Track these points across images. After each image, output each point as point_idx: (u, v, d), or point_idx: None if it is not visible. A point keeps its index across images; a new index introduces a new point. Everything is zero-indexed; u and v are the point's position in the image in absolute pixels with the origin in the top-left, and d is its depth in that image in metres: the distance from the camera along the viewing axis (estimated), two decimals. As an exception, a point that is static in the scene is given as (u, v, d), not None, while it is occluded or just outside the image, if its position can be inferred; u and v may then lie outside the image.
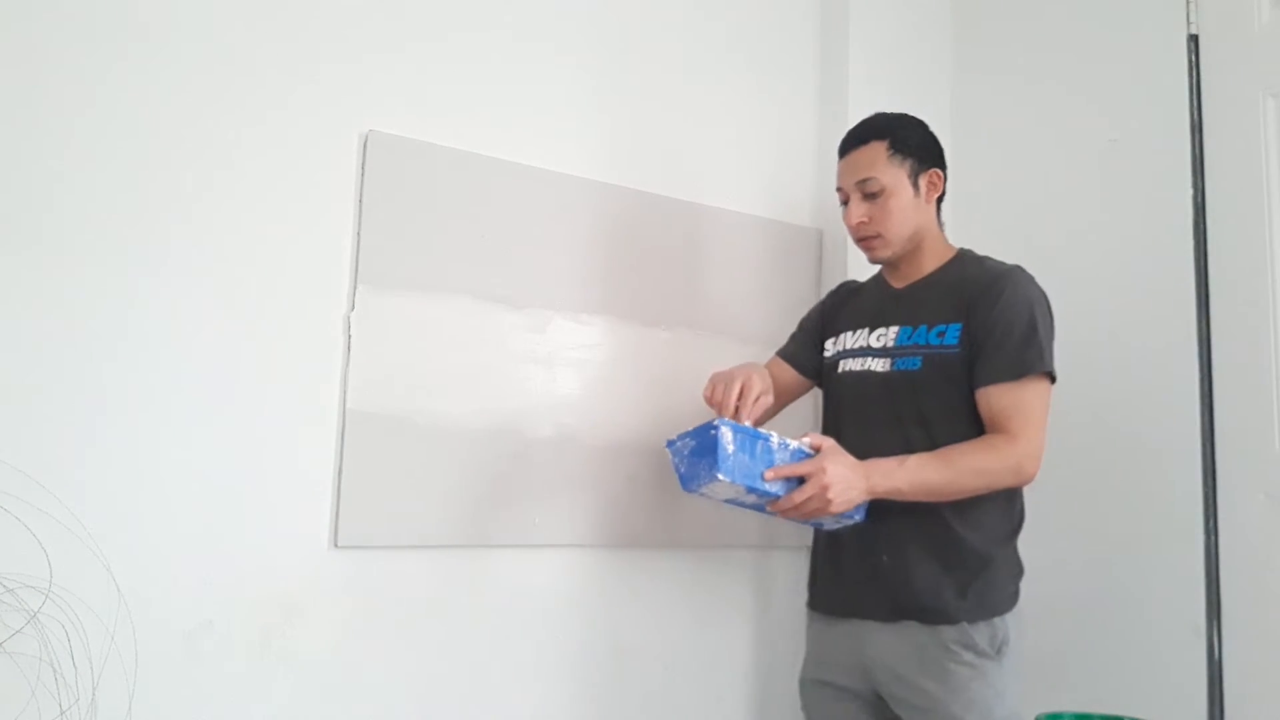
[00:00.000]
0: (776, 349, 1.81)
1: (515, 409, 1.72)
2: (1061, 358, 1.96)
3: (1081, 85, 2.01)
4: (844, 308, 1.74)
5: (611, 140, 1.90)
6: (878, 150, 1.59)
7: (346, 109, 1.63)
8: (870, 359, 1.59)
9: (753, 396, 1.50)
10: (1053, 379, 1.50)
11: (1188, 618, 1.70)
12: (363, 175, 1.62)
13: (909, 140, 1.60)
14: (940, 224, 1.65)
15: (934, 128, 2.15)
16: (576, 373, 1.79)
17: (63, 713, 1.34)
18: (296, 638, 1.52)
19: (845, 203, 1.64)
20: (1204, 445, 1.72)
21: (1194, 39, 1.81)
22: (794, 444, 1.42)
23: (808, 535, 2.04)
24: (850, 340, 1.65)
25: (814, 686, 1.62)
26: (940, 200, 1.64)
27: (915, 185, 1.59)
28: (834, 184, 2.17)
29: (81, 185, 1.42)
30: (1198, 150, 1.79)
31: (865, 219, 1.59)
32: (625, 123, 1.93)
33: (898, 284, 1.65)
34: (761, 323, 1.99)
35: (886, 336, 1.59)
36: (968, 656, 1.43)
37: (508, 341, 1.73)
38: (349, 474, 1.56)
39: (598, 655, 1.80)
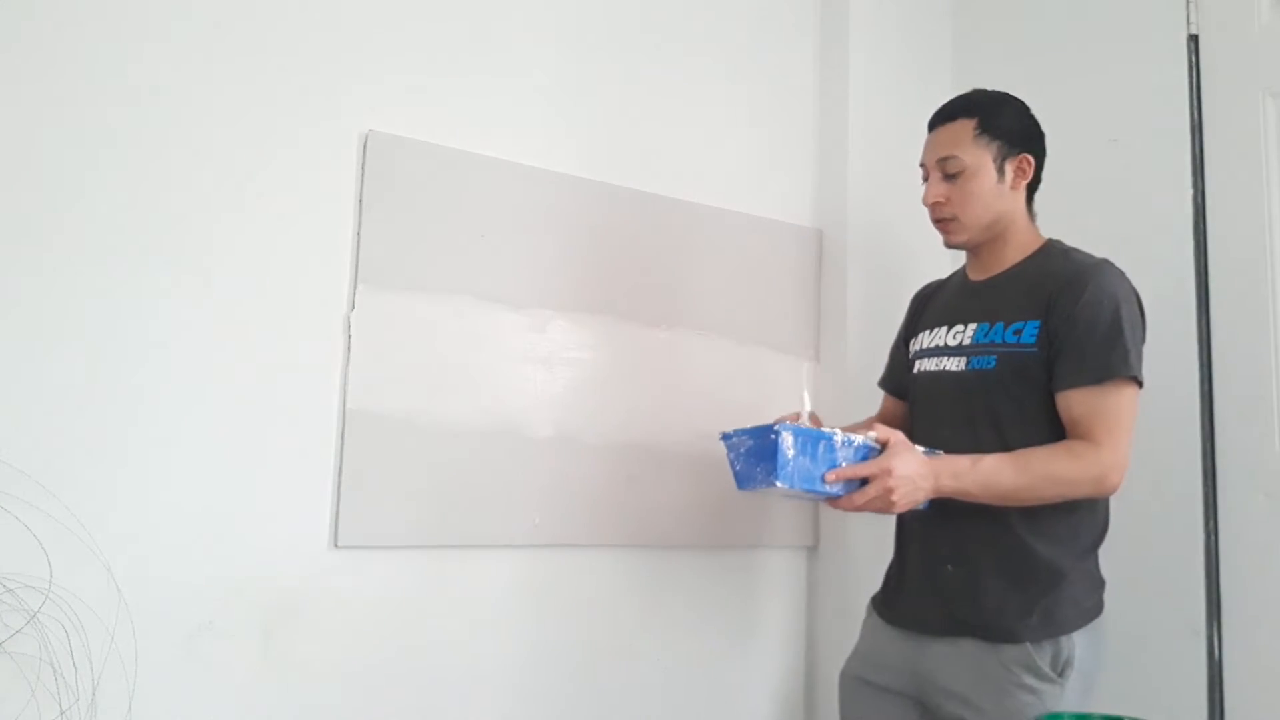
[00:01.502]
0: (775, 349, 1.80)
1: (515, 409, 1.72)
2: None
3: (1081, 85, 2.01)
4: (924, 310, 1.68)
5: (612, 141, 1.90)
6: (964, 129, 1.51)
7: (346, 109, 1.63)
8: (945, 358, 1.52)
9: None
10: (1140, 384, 1.39)
11: (1188, 618, 1.69)
12: (363, 175, 1.62)
13: (999, 121, 1.51)
14: (1031, 214, 1.56)
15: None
16: (576, 373, 1.79)
17: (63, 713, 1.34)
18: (296, 638, 1.52)
19: (926, 179, 1.56)
20: (1204, 445, 1.72)
21: (1194, 39, 1.81)
22: (859, 439, 1.36)
23: (809, 536, 2.04)
24: (927, 340, 1.59)
25: (855, 683, 1.58)
26: (1034, 188, 1.56)
27: (1000, 170, 1.50)
28: (834, 185, 2.18)
29: (81, 184, 1.42)
30: (1198, 150, 1.79)
31: (942, 199, 1.52)
32: (626, 123, 1.93)
33: (977, 277, 1.57)
34: (761, 323, 1.99)
35: (963, 334, 1.51)
36: (1029, 680, 1.36)
37: (508, 341, 1.73)
38: (349, 474, 1.56)
39: (598, 655, 1.79)
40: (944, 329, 1.56)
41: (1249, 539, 1.66)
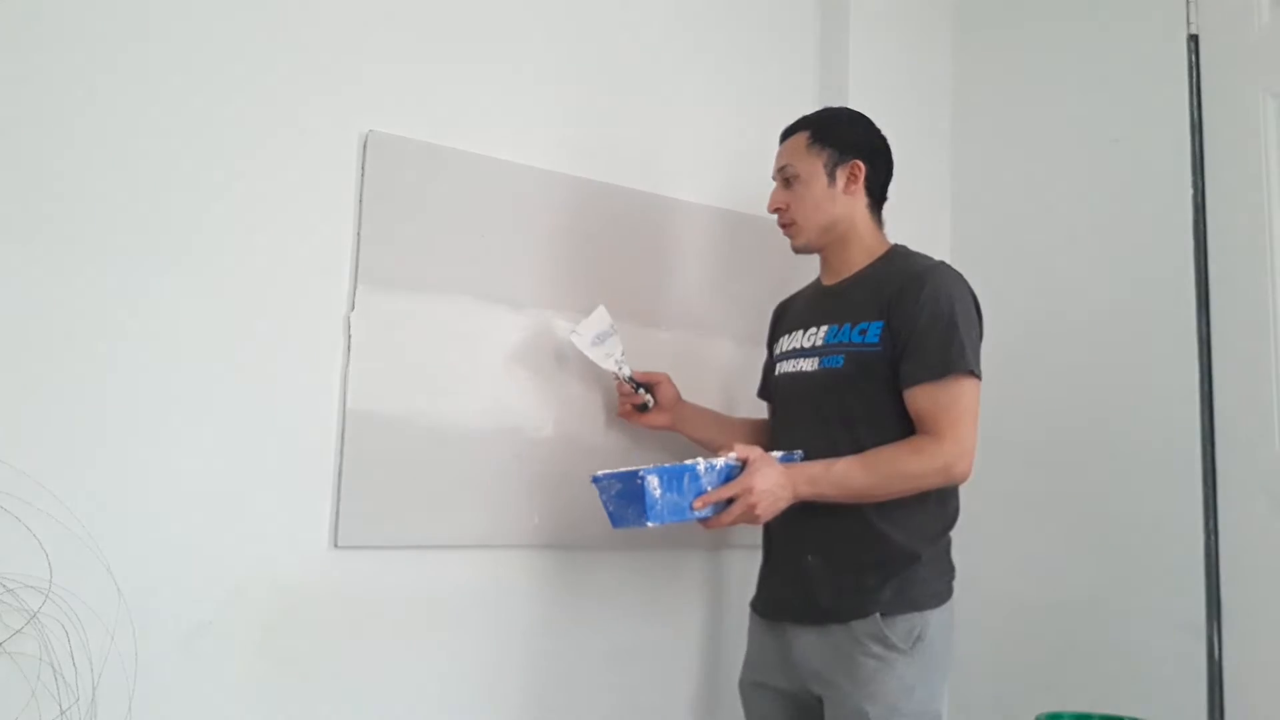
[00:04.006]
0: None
1: (515, 409, 1.72)
2: (1061, 358, 1.97)
3: (1081, 85, 2.01)
4: (783, 319, 1.76)
5: (613, 141, 1.90)
6: (799, 140, 1.62)
7: (346, 109, 1.63)
8: (801, 359, 1.60)
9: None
10: (978, 377, 1.47)
11: (1188, 618, 1.70)
12: (363, 175, 1.62)
13: (830, 132, 1.61)
14: (876, 220, 1.63)
15: (934, 128, 2.14)
16: (576, 373, 1.79)
17: (63, 713, 1.34)
18: (296, 638, 1.52)
19: None
20: (1204, 445, 1.72)
21: (1194, 39, 1.81)
22: (720, 462, 1.43)
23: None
24: (786, 343, 1.66)
25: (751, 688, 1.63)
26: (879, 196, 1.63)
27: (831, 175, 1.59)
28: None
29: (81, 184, 1.42)
30: (1198, 150, 1.79)
31: (781, 205, 1.63)
32: (627, 123, 1.93)
33: (829, 282, 1.65)
34: (760, 323, 1.99)
35: (816, 336, 1.59)
36: (876, 649, 1.42)
37: (508, 341, 1.73)
38: (349, 474, 1.56)
39: (599, 655, 1.79)
40: (800, 332, 1.64)
41: (1249, 539, 1.66)
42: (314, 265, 1.58)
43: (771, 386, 1.75)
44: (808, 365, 1.58)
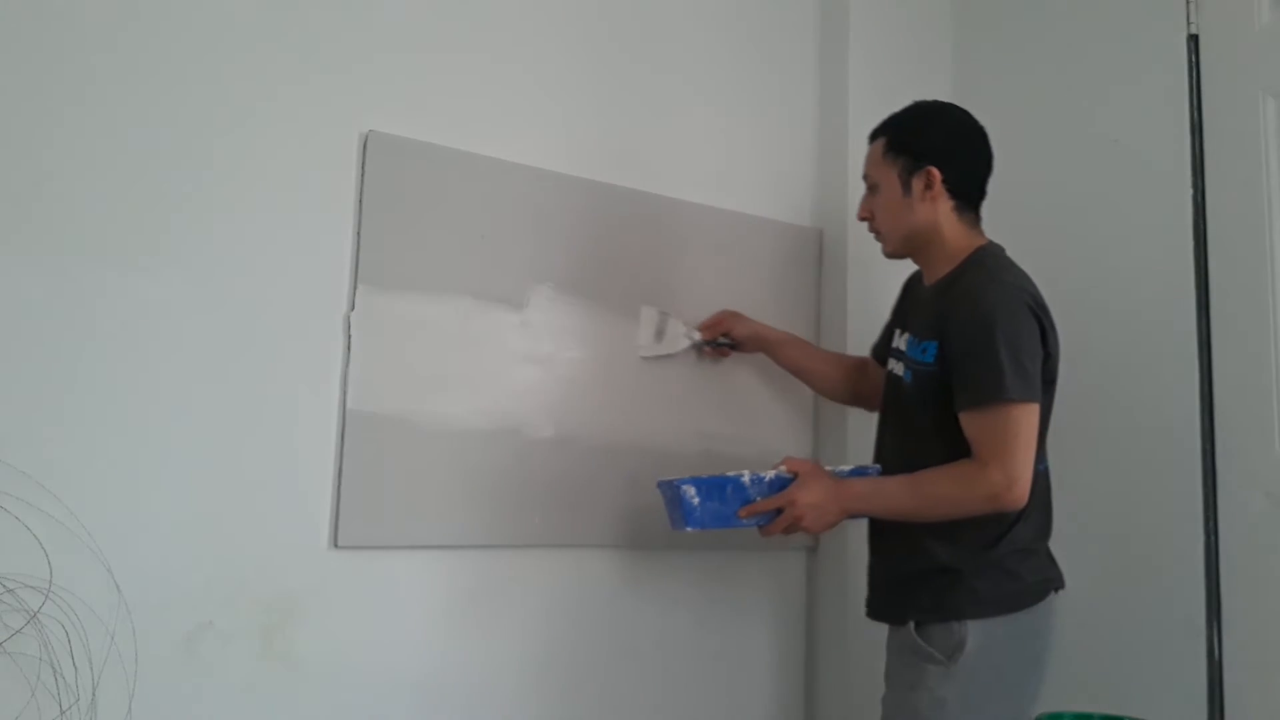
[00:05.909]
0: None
1: (515, 409, 1.72)
2: (1062, 358, 1.96)
3: (1081, 85, 2.01)
4: (904, 301, 1.72)
5: (613, 141, 1.90)
6: (877, 148, 1.61)
7: (346, 109, 1.63)
8: (897, 362, 1.61)
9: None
10: (1027, 401, 1.41)
11: (1187, 617, 1.70)
12: (363, 175, 1.62)
13: (903, 139, 1.57)
14: (966, 220, 1.57)
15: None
16: (577, 373, 1.79)
17: (63, 713, 1.34)
18: (296, 638, 1.52)
19: None
20: (1204, 445, 1.72)
21: (1194, 39, 1.81)
22: (770, 474, 1.51)
23: (809, 537, 2.04)
24: (896, 339, 1.65)
25: None
26: (970, 195, 1.57)
27: (906, 186, 1.55)
28: (834, 185, 2.21)
29: (80, 185, 1.42)
30: (1198, 150, 1.78)
31: (867, 214, 1.63)
32: (626, 123, 1.93)
33: (927, 281, 1.63)
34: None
35: (904, 341, 1.60)
36: (910, 659, 1.46)
37: (508, 341, 1.73)
38: (349, 474, 1.56)
39: (599, 657, 1.79)
40: (898, 332, 1.65)
41: (1249, 539, 1.66)
42: (314, 265, 1.58)
43: (879, 350, 1.78)
44: (899, 370, 1.59)
